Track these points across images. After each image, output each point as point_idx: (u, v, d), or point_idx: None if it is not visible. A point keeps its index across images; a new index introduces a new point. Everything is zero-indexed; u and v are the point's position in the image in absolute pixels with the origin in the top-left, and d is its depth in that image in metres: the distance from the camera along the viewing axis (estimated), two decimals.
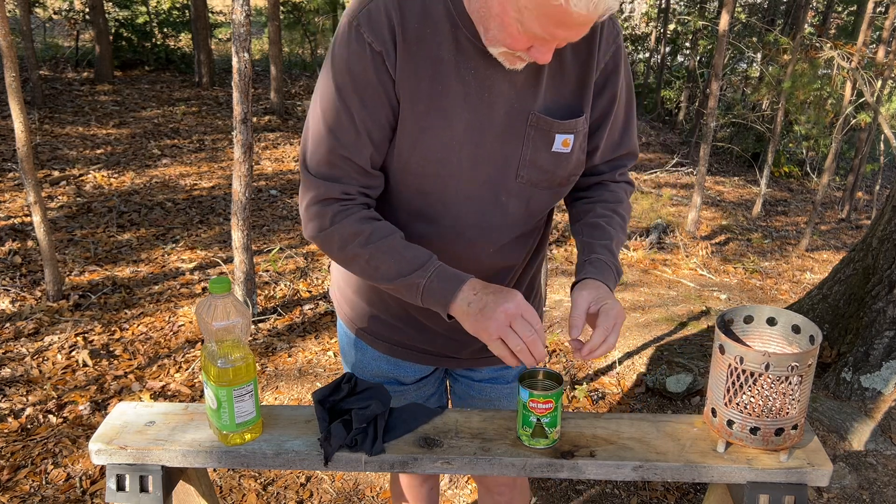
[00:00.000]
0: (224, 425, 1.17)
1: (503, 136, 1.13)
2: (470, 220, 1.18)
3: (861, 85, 5.83)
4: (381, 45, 1.04)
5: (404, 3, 1.05)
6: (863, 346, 2.79)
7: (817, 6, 11.34)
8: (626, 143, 1.29)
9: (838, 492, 2.37)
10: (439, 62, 1.06)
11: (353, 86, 1.07)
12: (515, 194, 1.18)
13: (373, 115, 1.08)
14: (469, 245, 1.21)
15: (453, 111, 1.09)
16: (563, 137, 1.14)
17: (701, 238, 5.92)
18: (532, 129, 1.13)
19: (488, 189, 1.16)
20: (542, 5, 0.91)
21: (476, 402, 1.49)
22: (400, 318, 1.33)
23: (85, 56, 9.45)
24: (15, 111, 3.10)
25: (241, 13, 3.03)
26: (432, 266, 1.11)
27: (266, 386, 2.97)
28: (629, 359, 3.32)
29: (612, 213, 1.28)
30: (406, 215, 1.20)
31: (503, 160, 1.14)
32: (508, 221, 1.21)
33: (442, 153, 1.11)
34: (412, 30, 1.05)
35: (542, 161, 1.16)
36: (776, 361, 1.07)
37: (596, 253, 1.22)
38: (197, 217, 4.96)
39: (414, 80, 1.06)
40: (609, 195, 1.30)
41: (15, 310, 3.37)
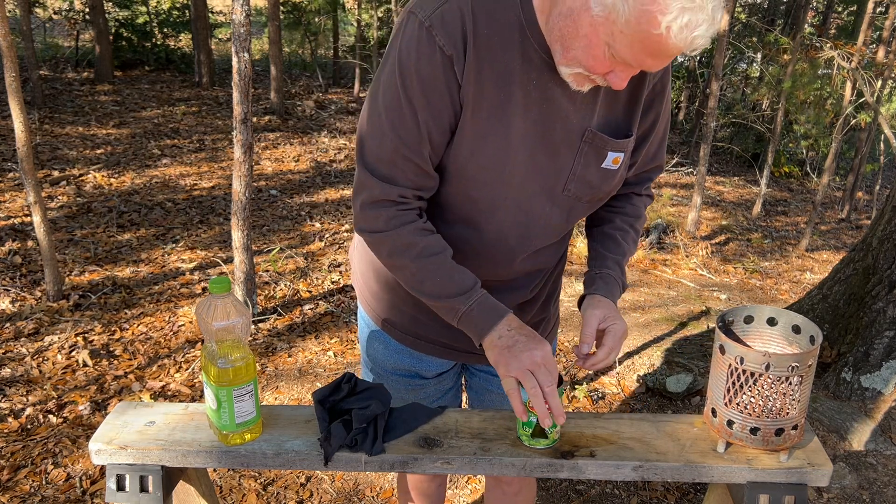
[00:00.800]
0: (224, 425, 1.17)
1: (557, 150, 1.13)
2: (512, 229, 1.20)
3: (861, 85, 5.83)
4: (453, 49, 1.03)
5: (478, 7, 1.04)
6: (863, 346, 2.79)
7: (817, 6, 11.34)
8: (658, 158, 1.32)
9: (838, 492, 2.37)
10: (505, 70, 1.06)
11: (421, 87, 1.05)
12: (559, 206, 1.21)
13: (436, 118, 1.07)
14: (507, 251, 1.24)
15: (512, 120, 1.09)
16: (615, 155, 1.17)
17: (701, 238, 5.92)
18: (587, 144, 1.14)
19: (536, 200, 1.18)
20: (640, 33, 0.90)
21: (493, 396, 1.51)
22: (424, 313, 1.33)
23: (85, 56, 9.45)
24: (15, 111, 3.10)
25: (241, 13, 3.03)
26: (475, 295, 1.14)
27: (266, 386, 2.97)
28: (629, 359, 3.32)
29: (629, 229, 1.33)
30: (452, 217, 1.21)
31: (554, 173, 1.16)
32: (548, 231, 1.24)
33: (498, 161, 1.11)
34: (483, 35, 1.04)
35: (591, 176, 1.18)
36: (776, 362, 1.07)
37: (608, 268, 1.28)
38: (197, 217, 4.96)
39: (479, 85, 1.06)
40: (631, 209, 1.35)
41: (15, 310, 3.37)
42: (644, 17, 0.88)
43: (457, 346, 1.39)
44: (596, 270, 1.29)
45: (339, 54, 11.09)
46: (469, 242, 1.22)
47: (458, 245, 1.21)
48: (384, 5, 10.06)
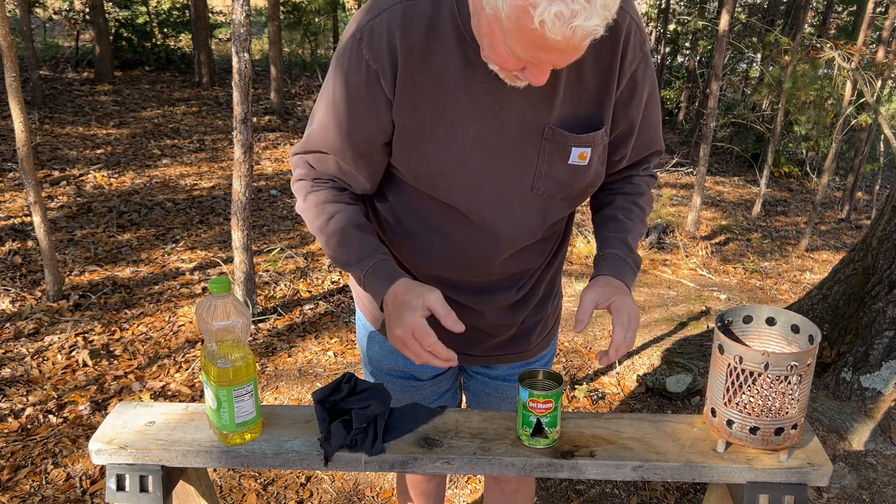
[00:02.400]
0: (224, 425, 1.17)
1: (518, 149, 1.12)
2: (481, 233, 1.19)
3: (861, 85, 5.84)
4: (378, 64, 1.05)
5: (410, 19, 1.03)
6: (863, 346, 2.79)
7: (817, 6, 11.34)
8: (654, 144, 1.28)
9: (838, 492, 2.38)
10: (446, 76, 1.06)
11: (347, 95, 1.09)
12: (531, 205, 1.18)
13: (361, 126, 1.10)
14: (480, 255, 1.22)
15: (460, 124, 1.09)
16: (580, 150, 1.13)
17: (701, 238, 5.92)
18: (548, 142, 1.11)
19: (503, 200, 1.16)
20: (520, 29, 0.88)
21: (491, 399, 1.50)
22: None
23: (85, 56, 9.45)
24: (15, 111, 3.10)
25: (241, 13, 3.03)
26: (371, 261, 1.15)
27: (266, 386, 2.97)
28: (629, 359, 3.32)
29: (632, 206, 1.28)
30: (421, 222, 1.22)
31: (518, 173, 1.14)
32: (523, 233, 1.21)
33: (451, 166, 1.11)
34: (417, 46, 1.04)
35: (558, 174, 1.15)
36: (775, 361, 1.07)
37: (611, 248, 1.24)
38: (197, 217, 4.96)
39: (416, 94, 1.06)
40: (631, 187, 1.30)
41: (15, 310, 3.37)
42: (518, 12, 0.86)
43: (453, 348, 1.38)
44: (600, 253, 1.26)
45: None
46: (441, 246, 1.22)
47: (432, 249, 1.22)
48: None
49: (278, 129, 7.74)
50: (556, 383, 1.19)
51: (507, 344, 1.39)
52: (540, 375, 1.21)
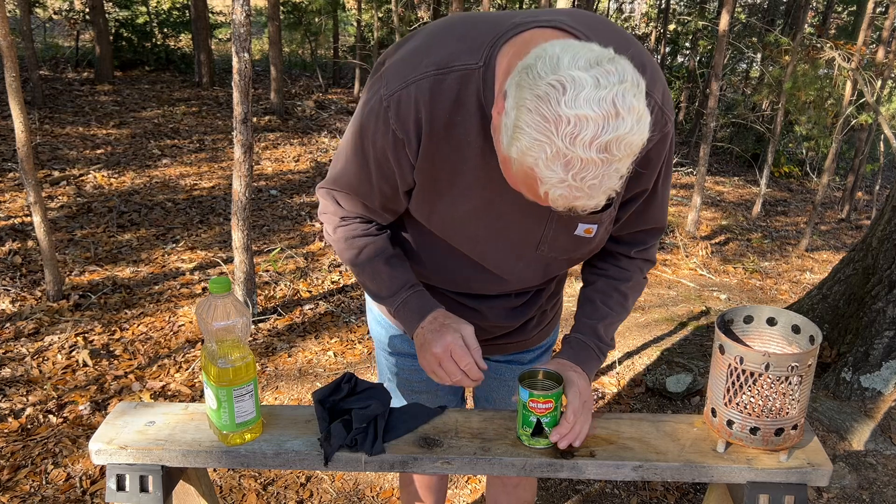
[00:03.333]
0: (224, 425, 1.17)
1: (525, 218, 1.15)
2: (483, 279, 1.26)
3: (861, 85, 5.83)
4: (404, 134, 1.08)
5: (436, 94, 1.05)
6: (863, 346, 2.79)
7: (817, 6, 11.34)
8: (654, 219, 1.25)
9: (838, 492, 2.38)
10: (466, 146, 1.08)
11: (374, 154, 1.12)
12: (534, 261, 1.23)
13: (387, 179, 1.15)
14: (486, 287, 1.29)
15: (472, 190, 1.12)
16: (587, 227, 1.15)
17: (701, 238, 5.92)
18: (555, 215, 1.14)
19: (508, 255, 1.22)
20: (527, 185, 0.91)
21: (490, 381, 1.53)
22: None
23: (85, 56, 9.45)
24: (15, 111, 3.10)
25: (241, 13, 3.03)
26: (402, 296, 1.24)
27: (266, 386, 2.97)
28: (629, 359, 3.32)
29: (613, 291, 1.29)
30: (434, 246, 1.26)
31: (524, 236, 1.18)
32: (525, 281, 1.28)
33: (460, 222, 1.17)
34: (441, 119, 1.06)
35: (563, 242, 1.19)
36: (776, 361, 1.07)
37: (580, 332, 1.28)
38: (197, 217, 4.96)
39: (436, 160, 1.10)
40: (616, 272, 1.30)
41: (15, 310, 3.37)
42: (527, 176, 0.88)
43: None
44: (567, 335, 1.30)
45: (339, 54, 11.09)
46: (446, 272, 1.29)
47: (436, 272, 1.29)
48: (384, 6, 10.06)
49: (278, 129, 7.74)
50: (556, 383, 1.19)
51: (506, 336, 1.42)
52: (540, 375, 1.21)
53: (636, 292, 1.32)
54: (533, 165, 0.85)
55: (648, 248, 1.30)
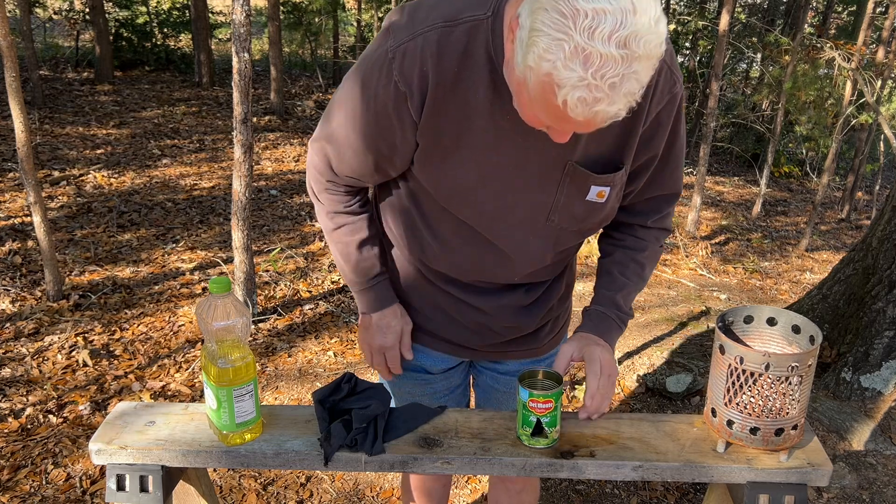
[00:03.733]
0: (224, 425, 1.17)
1: (537, 182, 1.13)
2: (491, 255, 1.23)
3: (861, 85, 5.83)
4: (407, 87, 1.05)
5: (444, 46, 1.03)
6: (863, 346, 2.79)
7: (817, 6, 11.34)
8: (667, 185, 1.25)
9: (838, 492, 2.38)
10: (473, 103, 1.06)
11: (374, 108, 1.09)
12: (543, 234, 1.20)
13: (382, 140, 1.12)
14: (492, 269, 1.26)
15: (482, 151, 1.10)
16: (599, 189, 1.13)
17: (701, 238, 5.92)
18: (567, 177, 1.12)
19: (516, 227, 1.18)
20: (545, 102, 0.88)
21: (499, 395, 1.50)
22: (430, 308, 1.36)
23: (85, 56, 9.45)
24: (15, 111, 3.10)
25: (241, 13, 3.03)
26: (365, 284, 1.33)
27: (266, 386, 2.97)
28: (629, 359, 3.32)
29: (630, 262, 1.29)
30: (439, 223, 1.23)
31: (535, 203, 1.15)
32: (533, 259, 1.24)
33: (467, 187, 1.14)
34: (449, 72, 1.04)
35: (575, 209, 1.16)
36: (776, 361, 1.07)
37: (599, 304, 1.29)
38: (197, 217, 4.96)
39: (442, 119, 1.07)
40: (633, 242, 1.30)
41: (15, 310, 3.37)
42: (543, 87, 0.86)
43: (460, 342, 1.39)
44: (588, 308, 1.30)
45: (339, 54, 11.09)
46: (452, 254, 1.25)
47: (443, 254, 1.26)
48: (384, 5, 10.05)
49: (278, 129, 7.74)
50: (556, 383, 1.19)
51: (517, 341, 1.40)
52: (540, 375, 1.21)
53: (653, 262, 1.32)
54: (551, 70, 0.83)
55: (664, 215, 1.29)
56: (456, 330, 1.36)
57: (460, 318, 1.34)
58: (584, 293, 4.19)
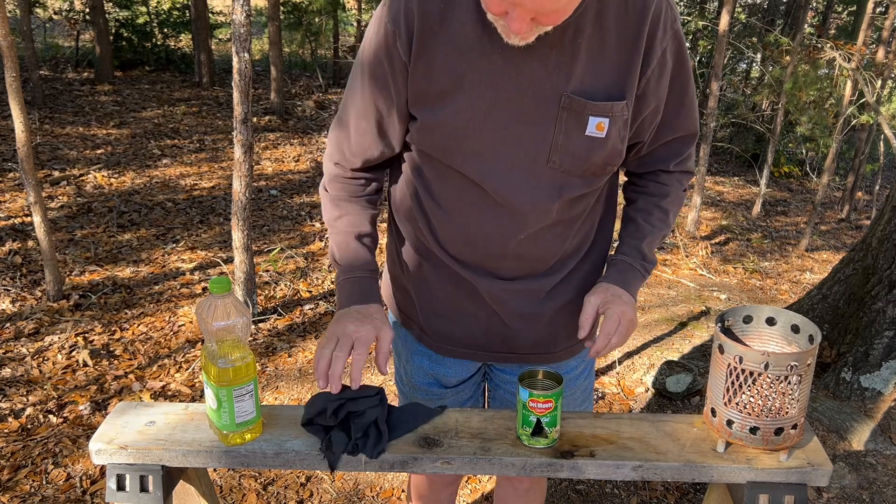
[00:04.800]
0: (224, 425, 1.17)
1: (534, 117, 1.10)
2: (498, 204, 1.18)
3: (861, 85, 5.84)
4: (395, 27, 1.08)
5: None
6: (862, 346, 2.79)
7: (817, 6, 11.34)
8: (682, 126, 1.23)
9: (838, 492, 2.38)
10: (462, 41, 1.06)
11: (369, 58, 1.14)
12: (546, 179, 1.15)
13: (381, 90, 1.15)
14: (498, 227, 1.20)
15: (475, 89, 1.09)
16: (598, 121, 1.10)
17: (701, 238, 5.92)
18: (565, 111, 1.09)
19: (517, 171, 1.14)
20: None
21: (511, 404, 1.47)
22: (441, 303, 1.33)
23: (85, 56, 9.45)
24: (15, 111, 3.10)
25: (241, 13, 3.03)
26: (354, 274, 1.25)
27: (266, 386, 2.97)
28: (629, 359, 3.32)
29: (654, 208, 1.28)
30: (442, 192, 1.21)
31: (534, 142, 1.12)
32: (538, 208, 1.18)
33: (464, 129, 1.12)
34: (434, 10, 1.06)
35: (575, 146, 1.12)
36: (775, 361, 1.07)
37: (622, 253, 1.28)
38: (197, 217, 4.96)
39: (432, 58, 1.08)
40: (655, 188, 1.29)
41: (15, 310, 3.37)
42: None
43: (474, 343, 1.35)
44: (612, 256, 1.29)
45: (339, 54, 11.09)
46: (460, 224, 1.22)
47: (451, 227, 1.23)
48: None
49: (278, 129, 7.74)
50: (556, 383, 1.19)
51: (531, 345, 1.36)
52: (540, 375, 1.21)
53: (677, 206, 1.30)
54: None
55: (685, 158, 1.28)
56: (468, 326, 1.33)
57: (473, 309, 1.30)
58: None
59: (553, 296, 1.30)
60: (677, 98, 1.18)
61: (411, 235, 1.31)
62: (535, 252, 1.24)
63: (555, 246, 1.25)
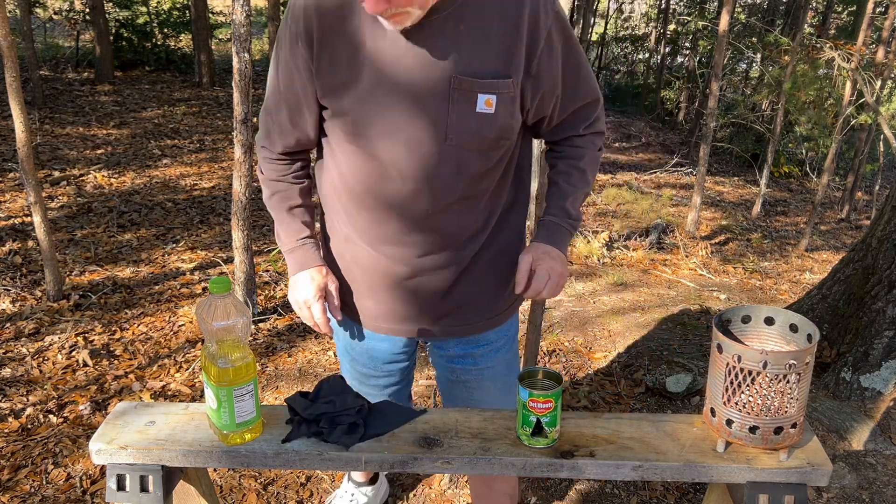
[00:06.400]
0: (224, 425, 1.17)
1: (429, 100, 1.20)
2: (406, 183, 1.27)
3: (861, 85, 5.84)
4: (296, 26, 1.22)
5: None
6: (862, 346, 2.79)
7: (817, 6, 11.34)
8: (582, 95, 1.34)
9: (838, 492, 2.38)
10: (358, 34, 1.18)
11: (281, 55, 1.26)
12: (446, 156, 1.25)
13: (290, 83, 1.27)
14: (406, 205, 1.29)
15: (373, 78, 1.20)
16: (486, 97, 1.20)
17: (701, 238, 5.92)
18: (455, 91, 1.19)
19: (419, 150, 1.24)
20: None
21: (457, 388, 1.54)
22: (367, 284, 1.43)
23: (85, 56, 9.45)
24: (15, 111, 3.11)
25: (241, 13, 3.03)
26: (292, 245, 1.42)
27: (266, 386, 2.97)
28: (629, 359, 3.32)
29: (571, 169, 1.39)
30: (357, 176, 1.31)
31: (431, 123, 1.21)
32: (442, 185, 1.27)
33: (368, 115, 1.22)
34: (333, 10, 1.18)
35: (468, 122, 1.21)
36: (774, 360, 1.07)
37: (549, 214, 1.39)
38: (197, 217, 4.96)
39: (333, 53, 1.21)
40: (571, 151, 1.40)
41: (15, 310, 3.37)
42: None
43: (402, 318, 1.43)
44: (541, 218, 1.40)
45: None
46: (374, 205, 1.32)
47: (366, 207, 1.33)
48: None
49: None
50: (555, 383, 1.19)
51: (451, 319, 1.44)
52: (540, 375, 1.22)
53: (593, 165, 1.41)
54: None
55: (593, 121, 1.38)
56: (391, 303, 1.42)
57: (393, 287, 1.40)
58: (584, 292, 4.19)
59: (469, 270, 1.39)
60: (572, 72, 1.29)
61: (332, 218, 1.44)
62: (445, 227, 1.32)
63: (463, 221, 1.33)
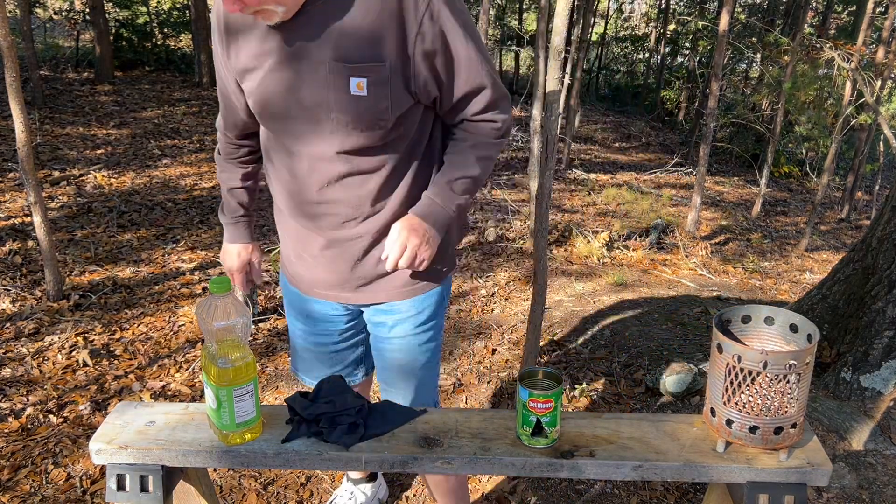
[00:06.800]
0: (224, 425, 1.17)
1: (312, 83, 1.32)
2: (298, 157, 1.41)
3: (861, 85, 5.84)
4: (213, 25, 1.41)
5: None
6: (862, 346, 2.79)
7: (817, 6, 11.35)
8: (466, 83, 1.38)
9: (838, 492, 2.38)
10: (256, 30, 1.33)
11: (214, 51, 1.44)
12: (330, 134, 1.36)
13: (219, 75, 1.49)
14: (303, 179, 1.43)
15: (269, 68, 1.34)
16: (358, 80, 1.30)
17: (701, 238, 5.92)
18: (332, 75, 1.30)
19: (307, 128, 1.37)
20: None
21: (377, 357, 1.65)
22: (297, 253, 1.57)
23: (85, 56, 9.45)
24: (15, 111, 3.10)
25: None
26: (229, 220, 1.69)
27: (266, 386, 2.97)
28: (629, 359, 3.32)
29: (457, 152, 1.47)
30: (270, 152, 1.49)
31: (316, 104, 1.34)
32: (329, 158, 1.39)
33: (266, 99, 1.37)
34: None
35: (345, 103, 1.32)
36: (774, 360, 1.07)
37: (429, 191, 1.46)
38: (197, 217, 4.96)
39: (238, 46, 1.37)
40: (460, 134, 1.48)
41: (15, 310, 3.37)
42: None
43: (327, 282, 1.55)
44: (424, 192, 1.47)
45: None
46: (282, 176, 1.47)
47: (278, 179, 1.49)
48: None
49: None
50: (555, 383, 1.19)
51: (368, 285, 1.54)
52: (540, 375, 1.22)
53: (482, 150, 1.46)
54: None
55: (484, 108, 1.43)
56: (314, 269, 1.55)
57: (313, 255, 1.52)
58: (584, 292, 4.19)
59: (378, 241, 1.49)
60: (454, 58, 1.35)
61: (274, 194, 1.57)
62: (342, 199, 1.44)
63: (358, 193, 1.43)
